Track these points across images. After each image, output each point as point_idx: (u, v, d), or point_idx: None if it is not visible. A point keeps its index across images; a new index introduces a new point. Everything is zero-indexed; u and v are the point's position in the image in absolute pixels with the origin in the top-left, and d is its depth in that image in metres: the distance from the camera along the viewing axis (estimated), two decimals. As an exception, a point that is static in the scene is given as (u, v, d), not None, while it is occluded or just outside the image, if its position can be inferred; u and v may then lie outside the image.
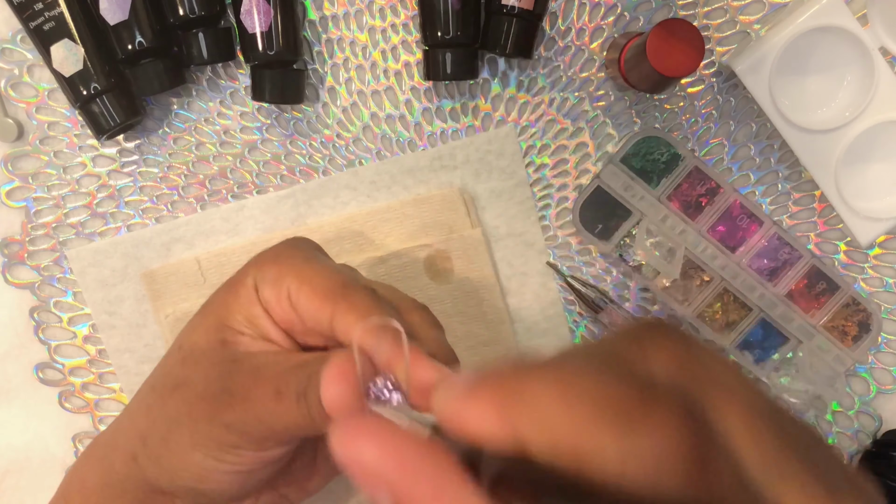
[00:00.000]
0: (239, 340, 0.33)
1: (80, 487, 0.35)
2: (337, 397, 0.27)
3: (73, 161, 0.47)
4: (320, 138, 0.47)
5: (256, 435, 0.30)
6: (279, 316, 0.33)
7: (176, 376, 0.33)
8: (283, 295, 0.32)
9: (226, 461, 0.31)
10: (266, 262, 0.34)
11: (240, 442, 0.31)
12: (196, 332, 0.34)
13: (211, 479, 0.31)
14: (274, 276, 0.33)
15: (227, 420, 0.30)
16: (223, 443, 0.31)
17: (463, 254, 0.46)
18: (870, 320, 0.48)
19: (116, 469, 0.34)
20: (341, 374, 0.27)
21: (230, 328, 0.33)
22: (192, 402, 0.32)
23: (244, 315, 0.33)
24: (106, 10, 0.42)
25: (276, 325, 0.33)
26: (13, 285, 0.47)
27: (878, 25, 0.43)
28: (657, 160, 0.47)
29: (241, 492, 0.33)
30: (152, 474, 0.33)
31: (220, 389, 0.31)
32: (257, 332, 0.33)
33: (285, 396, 0.30)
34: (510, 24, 0.43)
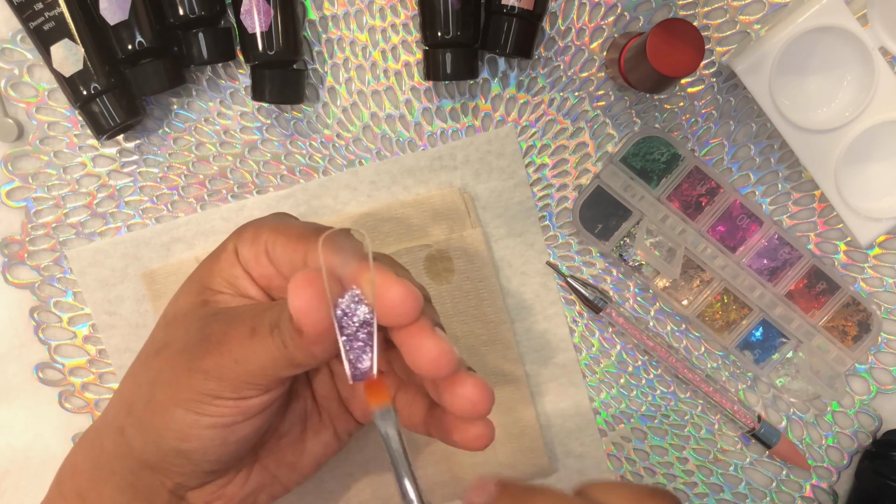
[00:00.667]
0: (219, 299, 0.34)
1: (72, 473, 0.36)
2: (304, 304, 0.28)
3: (73, 161, 0.47)
4: (320, 138, 0.47)
5: (233, 378, 0.31)
6: (258, 272, 0.34)
7: (159, 340, 0.34)
8: (260, 250, 0.33)
9: (206, 413, 0.31)
10: (245, 228, 0.35)
11: (218, 389, 0.31)
12: (179, 300, 0.35)
13: (193, 436, 0.31)
14: (252, 236, 0.34)
15: (205, 366, 0.31)
16: (202, 392, 0.31)
17: (463, 254, 0.46)
18: (870, 320, 0.48)
19: (105, 449, 0.34)
20: (307, 281, 0.28)
21: (210, 289, 0.34)
22: (173, 358, 0.33)
23: (224, 277, 0.34)
24: (106, 10, 0.42)
25: (255, 284, 0.34)
26: (13, 285, 0.47)
27: (878, 25, 0.43)
28: (657, 160, 0.47)
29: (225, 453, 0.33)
30: (138, 445, 0.33)
31: (197, 339, 0.32)
32: (236, 291, 0.34)
33: (259, 331, 0.30)
34: (510, 24, 0.43)
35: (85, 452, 0.36)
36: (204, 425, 0.31)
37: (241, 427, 0.32)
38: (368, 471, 0.47)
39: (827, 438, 0.49)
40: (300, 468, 0.37)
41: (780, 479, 0.50)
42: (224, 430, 0.32)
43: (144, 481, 0.34)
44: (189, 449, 0.32)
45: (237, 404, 0.31)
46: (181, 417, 0.31)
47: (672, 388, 0.49)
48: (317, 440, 0.37)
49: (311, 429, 0.37)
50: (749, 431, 0.48)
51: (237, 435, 0.32)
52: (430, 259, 0.46)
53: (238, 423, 0.32)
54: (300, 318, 0.28)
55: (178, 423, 0.31)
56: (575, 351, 0.48)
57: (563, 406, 0.48)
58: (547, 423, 0.48)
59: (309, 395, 0.38)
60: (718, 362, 0.49)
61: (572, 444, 0.49)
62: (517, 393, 0.47)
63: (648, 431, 0.49)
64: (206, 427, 0.31)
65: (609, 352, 0.49)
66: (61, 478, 0.36)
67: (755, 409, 0.49)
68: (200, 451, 0.32)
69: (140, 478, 0.34)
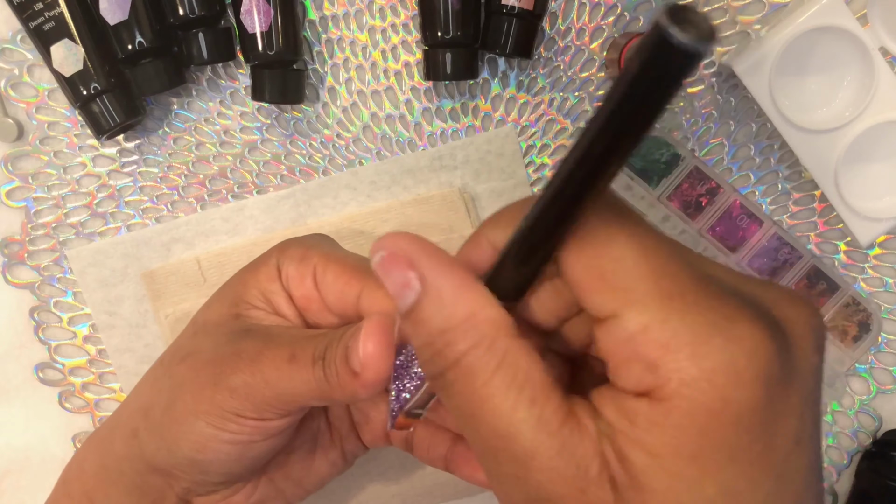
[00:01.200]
0: (252, 314, 0.34)
1: (79, 473, 0.35)
2: (376, 351, 0.28)
3: (73, 161, 0.47)
4: (320, 138, 0.47)
5: (261, 399, 0.30)
6: (299, 292, 0.33)
7: (185, 348, 0.34)
8: (307, 272, 0.33)
9: (226, 429, 0.31)
10: (291, 245, 0.35)
11: (242, 408, 0.30)
12: (211, 309, 0.35)
13: (210, 449, 0.31)
14: (300, 255, 0.34)
15: (233, 383, 0.30)
16: (225, 409, 0.31)
17: (463, 254, 0.46)
18: (870, 320, 0.48)
19: (116, 449, 0.34)
20: (382, 328, 0.28)
21: (245, 302, 0.34)
22: (199, 368, 0.32)
23: (261, 290, 0.34)
24: (106, 10, 0.42)
25: (291, 303, 0.34)
26: (13, 285, 0.47)
27: (878, 25, 0.43)
28: (657, 160, 0.47)
29: (239, 467, 0.33)
30: (151, 449, 0.33)
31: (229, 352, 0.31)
32: (271, 307, 0.34)
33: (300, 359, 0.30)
34: (510, 24, 0.43)
35: (94, 452, 0.35)
36: (222, 440, 0.31)
37: (258, 446, 0.32)
38: (368, 471, 0.47)
39: (827, 438, 0.49)
40: (305, 484, 0.37)
41: (780, 479, 0.50)
42: (241, 447, 0.32)
43: (152, 485, 0.33)
44: (203, 460, 0.32)
45: (258, 424, 0.31)
46: (200, 430, 0.31)
47: (672, 388, 0.49)
48: (325, 459, 0.37)
49: (321, 447, 0.37)
50: (749, 431, 0.48)
51: (254, 452, 0.32)
52: (430, 259, 0.46)
53: (256, 442, 0.32)
54: (368, 363, 0.28)
55: (197, 434, 0.31)
56: (575, 351, 0.48)
57: (563, 406, 0.48)
58: (547, 423, 0.48)
59: (323, 416, 0.38)
60: (718, 362, 0.49)
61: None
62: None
63: (648, 431, 0.49)
64: (225, 442, 0.31)
65: (609, 352, 0.49)
66: (67, 477, 0.36)
67: (755, 409, 0.49)
68: (215, 463, 0.32)
69: (148, 481, 0.33)
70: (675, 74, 0.16)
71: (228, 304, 0.34)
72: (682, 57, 0.16)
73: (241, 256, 0.46)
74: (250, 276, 0.34)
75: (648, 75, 0.16)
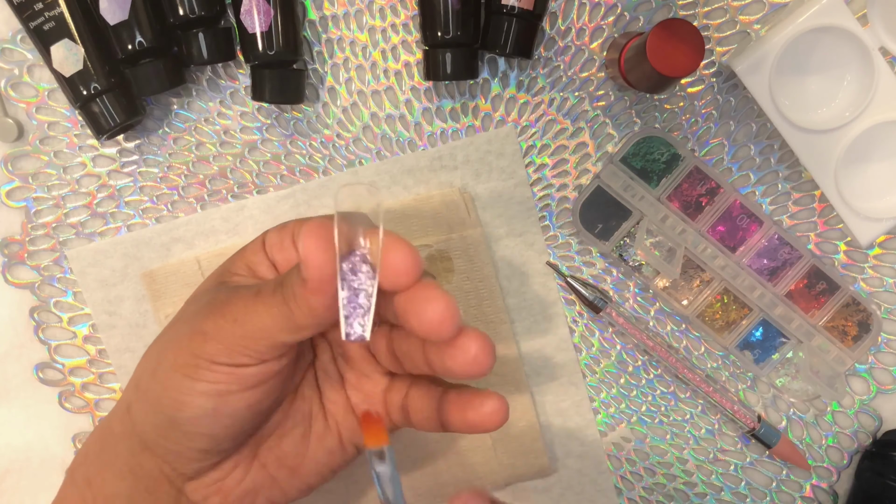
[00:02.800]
0: (235, 279, 0.35)
1: (84, 459, 0.37)
2: (313, 247, 0.28)
3: (73, 161, 0.47)
4: (320, 138, 0.47)
5: (232, 340, 0.31)
6: (281, 256, 0.35)
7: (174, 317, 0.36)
8: (286, 235, 0.35)
9: (200, 378, 0.31)
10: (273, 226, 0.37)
11: (214, 352, 0.31)
12: (201, 285, 0.37)
13: (186, 404, 0.32)
14: (280, 225, 0.36)
15: (205, 327, 0.32)
16: (199, 355, 0.31)
17: (463, 254, 0.46)
18: (870, 320, 0.48)
19: (114, 430, 0.35)
20: (319, 227, 0.29)
21: (230, 272, 0.36)
22: (177, 325, 0.34)
23: (245, 262, 0.36)
24: (106, 10, 0.42)
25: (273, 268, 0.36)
26: (13, 285, 0.47)
27: (878, 25, 0.43)
28: (657, 160, 0.47)
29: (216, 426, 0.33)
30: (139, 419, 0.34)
31: (204, 304, 0.33)
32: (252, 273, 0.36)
33: (262, 291, 0.32)
34: (510, 24, 0.43)
35: (96, 436, 0.37)
36: (198, 391, 0.31)
37: (234, 398, 0.32)
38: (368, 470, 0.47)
39: (827, 438, 0.49)
40: (301, 474, 0.37)
41: (780, 479, 0.50)
42: (217, 399, 0.32)
43: (145, 467, 0.34)
44: (181, 419, 0.32)
45: (232, 371, 0.32)
46: (178, 383, 0.32)
47: (672, 388, 0.49)
48: (320, 445, 0.37)
49: (315, 432, 0.37)
50: (749, 431, 0.48)
51: (230, 407, 0.32)
52: (430, 259, 0.46)
53: (232, 393, 0.32)
54: (307, 259, 0.29)
55: (175, 388, 0.32)
56: (575, 351, 0.48)
57: (563, 406, 0.48)
58: (547, 423, 0.48)
59: (316, 398, 0.38)
60: (718, 362, 0.49)
61: (572, 444, 0.49)
62: (517, 393, 0.47)
63: (648, 431, 0.49)
64: (200, 394, 0.31)
65: (609, 352, 0.49)
66: (74, 464, 0.37)
67: (755, 409, 0.49)
68: (192, 420, 0.32)
69: (140, 462, 0.34)
70: None
71: (216, 276, 0.36)
72: None
73: (241, 256, 0.46)
74: (238, 254, 0.37)
75: None
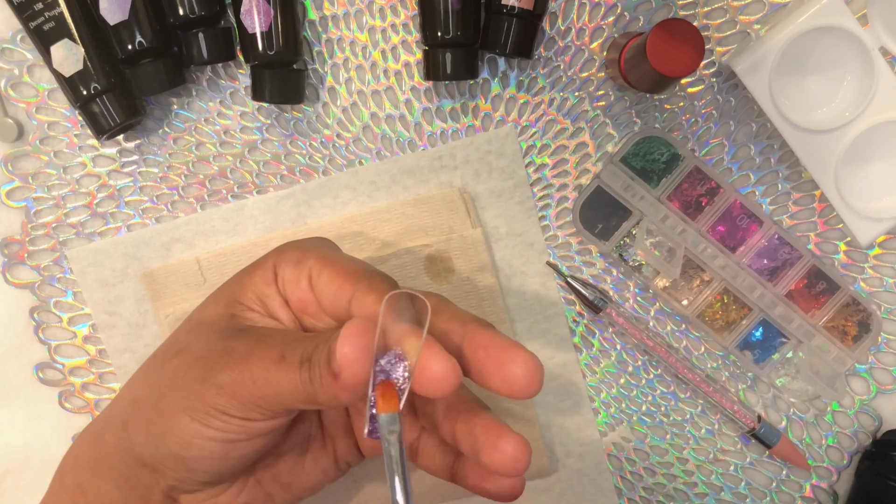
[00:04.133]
0: (247, 315, 0.34)
1: (74, 465, 0.36)
2: (352, 354, 0.28)
3: (73, 161, 0.47)
4: (320, 138, 0.47)
5: (247, 398, 0.30)
6: (296, 296, 0.33)
7: (179, 343, 0.34)
8: (303, 275, 0.33)
9: (211, 426, 0.31)
10: (289, 248, 0.35)
11: (228, 405, 0.31)
12: (206, 307, 0.35)
13: (194, 446, 0.31)
14: (297, 258, 0.34)
15: (221, 380, 0.31)
16: (211, 405, 0.31)
17: (463, 254, 0.46)
18: (870, 320, 0.48)
19: (107, 441, 0.34)
20: (360, 331, 0.28)
21: (240, 304, 0.34)
22: (189, 364, 0.32)
23: (256, 293, 0.34)
24: (106, 10, 0.42)
25: (287, 307, 0.34)
26: (13, 285, 0.47)
27: (878, 25, 0.43)
28: (657, 160, 0.47)
29: (223, 466, 0.33)
30: (139, 442, 0.33)
31: (219, 350, 0.32)
32: (266, 310, 0.34)
33: (288, 360, 0.30)
34: (510, 24, 0.43)
35: (87, 445, 0.36)
36: (206, 437, 0.31)
37: (242, 445, 0.32)
38: (368, 470, 0.47)
39: (827, 438, 0.49)
40: (295, 490, 0.37)
41: (780, 479, 0.50)
42: (225, 446, 0.32)
43: (141, 479, 0.33)
44: (188, 457, 0.32)
45: (242, 424, 0.31)
46: (186, 425, 0.31)
47: (672, 388, 0.49)
48: (315, 465, 0.37)
49: (311, 452, 0.37)
50: (749, 431, 0.48)
51: (238, 452, 0.32)
52: (430, 259, 0.46)
53: (240, 442, 0.32)
54: (344, 364, 0.28)
55: (182, 430, 0.31)
56: (575, 351, 0.48)
57: (563, 406, 0.48)
58: (547, 423, 0.48)
59: (315, 419, 0.37)
60: (718, 362, 0.49)
61: (572, 444, 0.49)
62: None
63: (648, 431, 0.49)
64: (209, 439, 0.31)
65: (609, 352, 0.49)
66: (63, 470, 0.36)
67: (755, 409, 0.49)
68: (198, 460, 0.32)
69: (137, 475, 0.33)
70: None
71: (224, 304, 0.34)
72: None
73: (241, 256, 0.46)
74: (247, 278, 0.35)
75: None
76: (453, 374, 0.28)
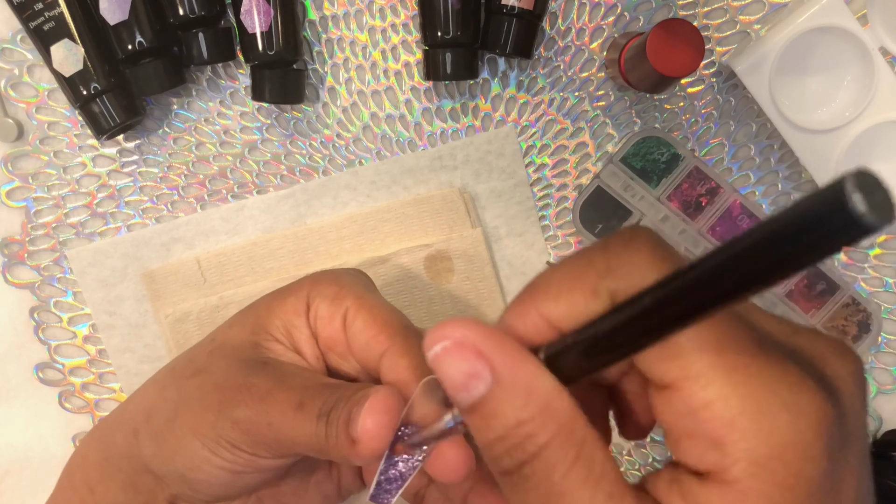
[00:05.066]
0: (272, 347, 0.33)
1: (82, 463, 0.36)
2: (374, 427, 0.28)
3: (73, 161, 0.47)
4: (320, 138, 0.47)
5: (260, 439, 0.30)
6: (326, 333, 0.33)
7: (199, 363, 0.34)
8: (338, 314, 0.33)
9: (220, 456, 0.31)
10: (325, 280, 0.34)
11: (240, 441, 0.31)
12: (232, 329, 0.35)
13: (201, 470, 0.31)
14: (333, 294, 0.33)
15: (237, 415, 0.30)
16: (223, 437, 0.31)
17: (463, 254, 0.46)
18: (870, 320, 0.48)
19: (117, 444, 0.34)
20: (387, 407, 0.28)
21: (266, 332, 0.33)
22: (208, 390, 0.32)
23: (284, 322, 0.33)
24: (106, 10, 0.42)
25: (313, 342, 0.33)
26: (13, 285, 0.47)
27: (878, 25, 0.43)
28: (657, 160, 0.47)
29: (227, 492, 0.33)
30: (148, 453, 0.33)
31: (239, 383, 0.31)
32: (291, 343, 0.33)
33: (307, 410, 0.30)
34: (510, 24, 0.43)
35: (97, 445, 0.36)
36: (214, 465, 0.31)
37: (248, 477, 0.32)
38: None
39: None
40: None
41: (780, 479, 0.50)
42: (232, 476, 0.32)
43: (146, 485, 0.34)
44: (194, 479, 0.32)
45: (251, 459, 0.31)
46: (196, 450, 0.31)
47: (672, 388, 0.49)
48: (318, 490, 0.37)
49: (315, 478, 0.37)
50: (749, 431, 0.48)
51: (243, 482, 0.32)
52: (430, 259, 0.46)
53: (247, 474, 0.32)
54: (365, 438, 0.28)
55: (192, 453, 0.31)
56: (575, 351, 0.48)
57: (563, 406, 0.48)
58: (547, 423, 0.48)
59: None
60: (718, 362, 0.49)
61: (572, 444, 0.49)
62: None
63: (648, 431, 0.49)
64: (216, 467, 0.31)
65: (609, 352, 0.49)
66: (72, 468, 0.36)
67: (755, 409, 0.49)
68: (204, 484, 0.32)
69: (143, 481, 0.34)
70: (838, 241, 0.15)
71: (250, 330, 0.34)
72: (854, 227, 0.14)
73: (241, 256, 0.46)
74: (277, 304, 0.34)
75: (810, 231, 0.15)
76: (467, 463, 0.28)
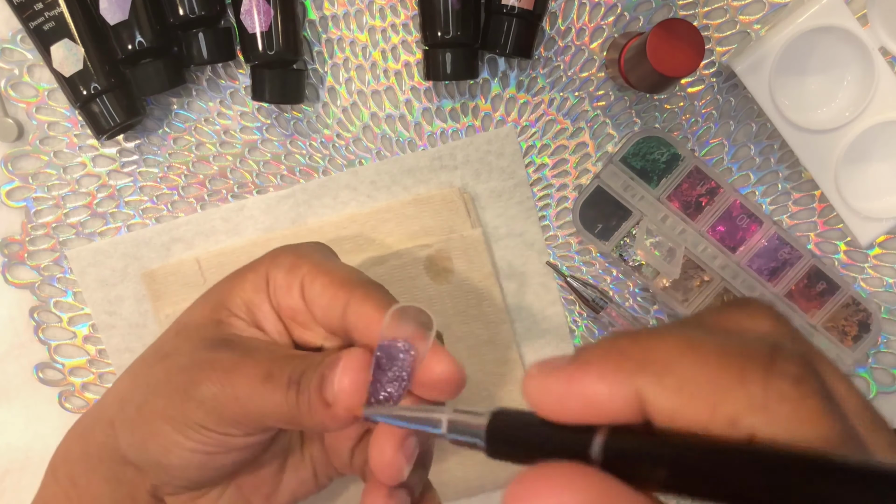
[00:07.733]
0: (233, 323, 0.33)
1: (65, 458, 0.36)
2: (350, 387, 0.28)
3: (73, 161, 0.47)
4: (320, 138, 0.47)
5: (227, 415, 0.30)
6: (286, 303, 0.33)
7: (166, 348, 0.34)
8: (295, 282, 0.33)
9: (191, 438, 0.31)
10: (282, 253, 0.34)
11: (207, 421, 0.30)
12: (194, 310, 0.35)
13: (174, 455, 0.31)
14: (290, 264, 0.33)
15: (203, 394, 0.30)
16: (191, 418, 0.31)
17: (463, 254, 0.46)
18: (870, 320, 0.48)
19: (96, 437, 0.35)
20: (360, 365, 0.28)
21: (227, 309, 0.34)
22: (174, 372, 0.32)
23: (244, 299, 0.33)
24: (106, 10, 0.42)
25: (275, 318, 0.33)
26: (13, 285, 0.47)
27: (878, 25, 0.43)
28: (657, 160, 0.47)
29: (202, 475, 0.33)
30: (124, 443, 0.33)
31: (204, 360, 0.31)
32: (252, 319, 0.33)
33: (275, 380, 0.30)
34: (510, 24, 0.43)
35: (78, 439, 0.36)
36: (186, 447, 0.31)
37: (221, 457, 0.32)
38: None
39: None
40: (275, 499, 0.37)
41: (780, 479, 0.50)
42: (204, 457, 0.32)
43: (127, 476, 0.34)
44: (167, 464, 0.32)
45: (221, 438, 0.31)
46: (167, 434, 0.31)
47: (672, 388, 0.49)
48: (294, 476, 0.37)
49: (290, 464, 0.37)
50: (749, 431, 0.48)
51: (216, 463, 0.32)
52: (430, 259, 0.46)
53: (219, 454, 0.32)
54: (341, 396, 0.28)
55: (163, 438, 0.31)
56: (575, 351, 0.48)
57: (563, 406, 0.48)
58: (547, 423, 0.48)
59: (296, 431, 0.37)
60: (718, 362, 0.49)
61: (572, 444, 0.49)
62: (517, 393, 0.47)
63: (648, 431, 0.49)
64: (188, 450, 0.31)
65: (609, 352, 0.49)
66: (55, 463, 0.37)
67: (755, 409, 0.49)
68: (178, 468, 0.32)
69: (124, 472, 0.34)
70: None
71: (211, 308, 0.34)
72: None
73: (241, 256, 0.46)
74: (237, 281, 0.34)
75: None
76: (459, 375, 0.28)
